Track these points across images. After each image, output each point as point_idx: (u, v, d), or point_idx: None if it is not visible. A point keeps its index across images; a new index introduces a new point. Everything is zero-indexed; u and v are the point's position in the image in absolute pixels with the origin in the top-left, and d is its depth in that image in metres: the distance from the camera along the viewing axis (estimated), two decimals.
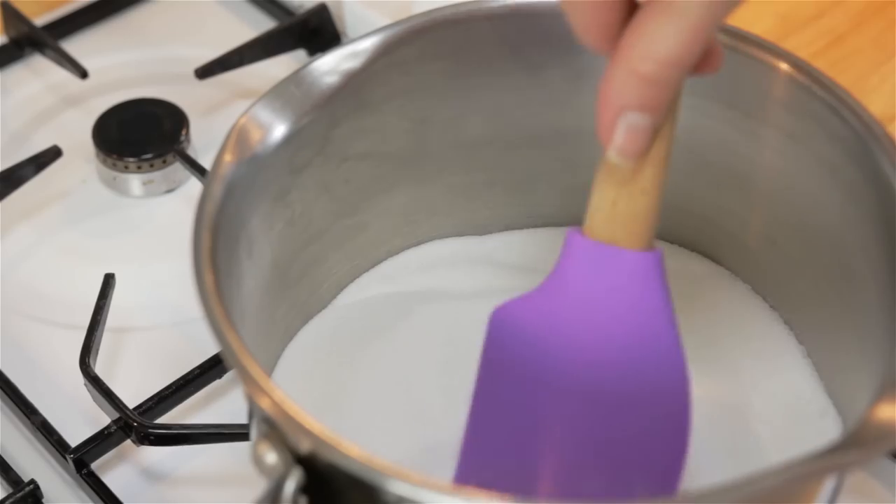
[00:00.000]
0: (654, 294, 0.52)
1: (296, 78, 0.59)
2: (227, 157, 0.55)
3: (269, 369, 0.61)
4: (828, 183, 0.58)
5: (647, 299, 0.52)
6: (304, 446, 0.48)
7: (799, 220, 0.60)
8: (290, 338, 0.63)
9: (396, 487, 0.46)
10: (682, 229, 0.66)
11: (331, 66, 0.59)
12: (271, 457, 0.48)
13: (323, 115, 0.59)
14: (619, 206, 0.51)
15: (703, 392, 0.60)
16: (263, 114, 0.57)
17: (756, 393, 0.60)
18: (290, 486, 0.48)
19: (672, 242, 0.66)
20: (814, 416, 0.59)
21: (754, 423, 0.59)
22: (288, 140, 0.58)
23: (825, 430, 0.58)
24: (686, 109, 0.60)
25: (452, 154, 0.64)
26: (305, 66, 0.59)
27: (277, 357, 0.62)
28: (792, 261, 0.61)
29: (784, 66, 0.58)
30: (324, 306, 0.65)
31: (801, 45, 0.84)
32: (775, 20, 0.86)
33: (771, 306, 0.64)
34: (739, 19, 0.59)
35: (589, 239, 0.52)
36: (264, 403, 0.48)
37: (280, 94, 0.58)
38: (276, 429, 0.48)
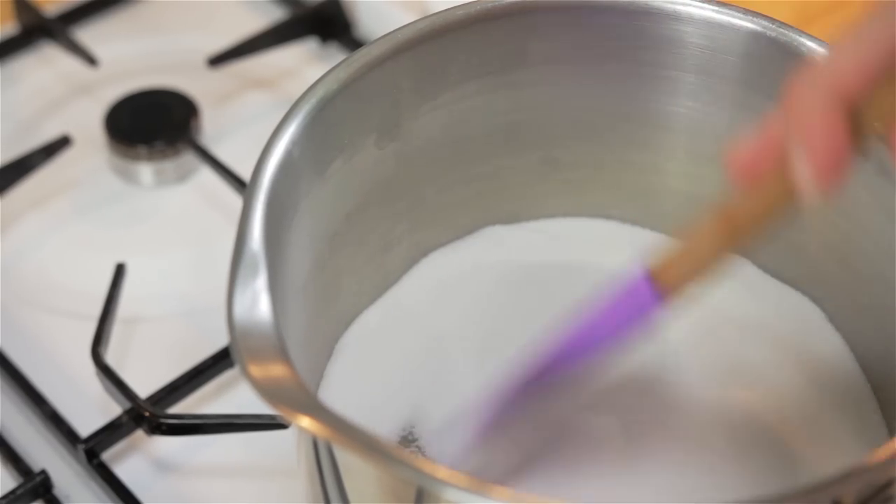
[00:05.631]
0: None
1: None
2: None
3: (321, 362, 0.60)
4: (888, 192, 0.56)
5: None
6: None
7: (860, 230, 0.59)
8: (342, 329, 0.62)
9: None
10: None
11: (384, 56, 0.58)
12: None
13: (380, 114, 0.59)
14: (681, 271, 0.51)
15: (742, 405, 0.59)
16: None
17: (800, 405, 0.60)
18: None
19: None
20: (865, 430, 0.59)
21: (795, 443, 0.59)
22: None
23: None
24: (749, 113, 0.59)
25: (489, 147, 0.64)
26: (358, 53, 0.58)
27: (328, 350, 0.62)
28: (855, 274, 0.60)
29: None
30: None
31: None
32: (791, 11, 0.86)
33: (828, 318, 0.63)
34: (747, 3, 0.59)
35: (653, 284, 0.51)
36: None
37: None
38: None
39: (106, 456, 0.65)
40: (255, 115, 0.83)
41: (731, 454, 0.57)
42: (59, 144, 0.78)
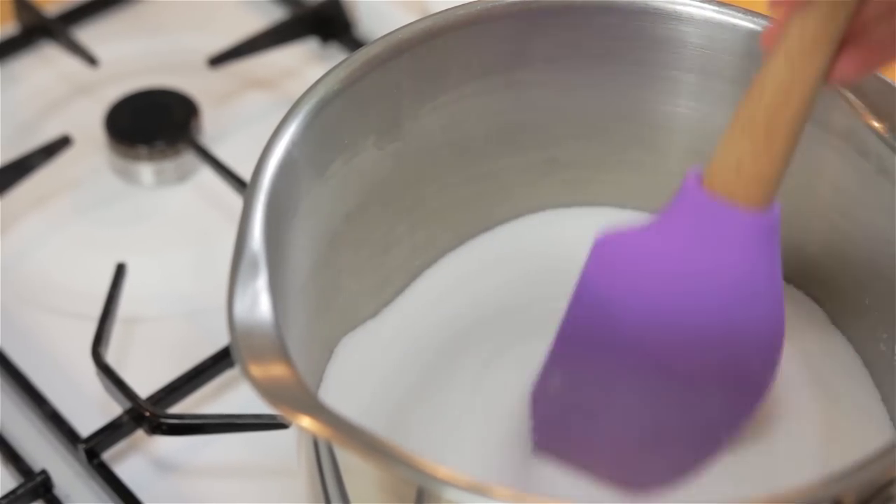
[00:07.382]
0: (764, 255, 0.52)
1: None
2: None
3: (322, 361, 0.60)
4: (888, 191, 0.56)
5: (757, 260, 0.52)
6: None
7: (860, 230, 0.59)
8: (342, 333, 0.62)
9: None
10: None
11: (384, 56, 0.58)
12: None
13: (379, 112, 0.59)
14: (744, 166, 0.51)
15: None
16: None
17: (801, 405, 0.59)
18: None
19: None
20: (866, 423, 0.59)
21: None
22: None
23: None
24: None
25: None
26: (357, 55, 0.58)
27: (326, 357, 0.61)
28: (855, 274, 0.60)
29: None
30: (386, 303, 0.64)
31: None
32: None
33: (829, 318, 0.63)
34: (747, 3, 0.59)
35: (707, 192, 0.52)
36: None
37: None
38: None
39: (106, 456, 0.65)
40: (255, 115, 0.83)
41: (731, 453, 0.57)
42: (60, 144, 0.78)
